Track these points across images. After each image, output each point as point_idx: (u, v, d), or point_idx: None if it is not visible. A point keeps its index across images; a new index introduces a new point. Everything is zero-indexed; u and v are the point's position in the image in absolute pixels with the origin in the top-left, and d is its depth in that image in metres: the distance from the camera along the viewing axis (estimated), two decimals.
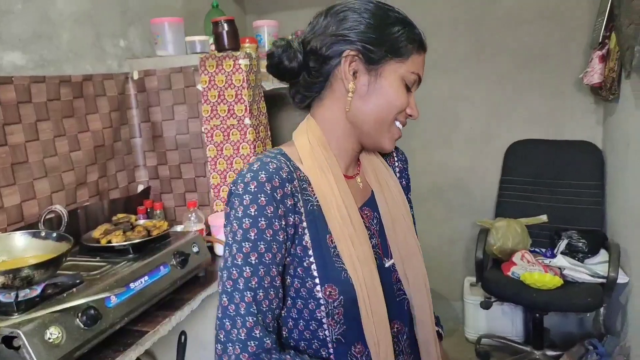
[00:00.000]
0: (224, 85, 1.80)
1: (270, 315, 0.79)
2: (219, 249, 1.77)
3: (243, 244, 0.77)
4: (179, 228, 1.87)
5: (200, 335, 1.50)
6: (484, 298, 2.44)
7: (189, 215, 1.74)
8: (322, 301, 0.81)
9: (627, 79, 1.97)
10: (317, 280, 0.81)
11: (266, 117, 1.93)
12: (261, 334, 0.76)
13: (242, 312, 0.76)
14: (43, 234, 1.28)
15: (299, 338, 0.84)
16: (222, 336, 0.77)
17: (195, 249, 1.56)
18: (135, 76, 1.89)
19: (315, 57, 0.84)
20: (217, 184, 1.88)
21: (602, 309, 2.19)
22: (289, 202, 0.79)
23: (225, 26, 1.80)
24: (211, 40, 1.89)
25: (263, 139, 1.89)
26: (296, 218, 0.81)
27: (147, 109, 1.91)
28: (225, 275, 0.78)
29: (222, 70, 1.79)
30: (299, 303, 0.83)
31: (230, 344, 0.76)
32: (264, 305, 0.78)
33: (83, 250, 1.46)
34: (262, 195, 0.77)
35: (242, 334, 0.75)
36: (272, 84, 2.01)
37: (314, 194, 0.83)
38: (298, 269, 0.82)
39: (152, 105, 1.90)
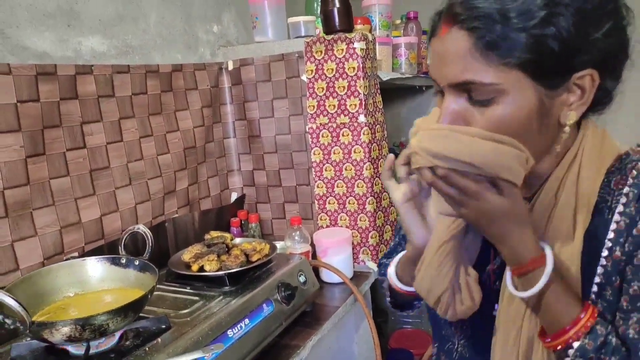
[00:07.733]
0: (334, 75, 1.47)
1: None
2: (327, 276, 1.45)
3: None
4: (277, 245, 1.58)
5: None
6: None
7: (293, 233, 1.43)
8: None
9: None
10: None
11: (383, 114, 1.58)
12: None
13: None
14: (124, 260, 1.02)
15: None
16: None
17: (301, 279, 1.25)
18: (230, 66, 1.62)
19: None
20: (322, 195, 1.56)
21: None
22: None
23: (337, 2, 1.47)
24: (318, 21, 1.57)
25: (379, 140, 1.54)
26: None
27: (242, 104, 1.63)
28: None
29: (332, 57, 1.46)
30: None
31: None
32: None
33: (171, 276, 1.20)
34: None
35: None
36: (388, 73, 1.66)
37: None
38: None
39: (248, 101, 1.62)
